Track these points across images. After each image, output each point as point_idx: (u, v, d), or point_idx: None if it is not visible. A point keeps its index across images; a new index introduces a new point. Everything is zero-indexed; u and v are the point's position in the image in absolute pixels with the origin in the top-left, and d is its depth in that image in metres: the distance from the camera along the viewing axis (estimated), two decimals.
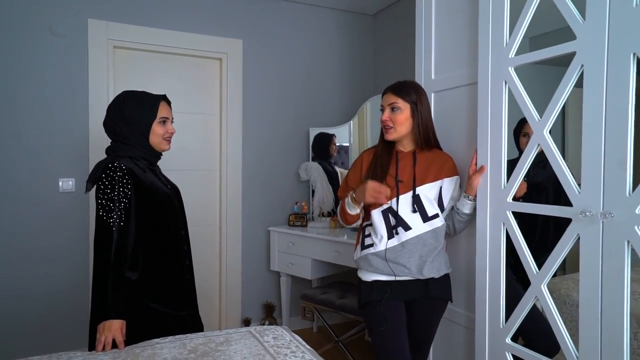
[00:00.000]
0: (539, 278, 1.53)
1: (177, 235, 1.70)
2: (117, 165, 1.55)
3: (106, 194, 1.52)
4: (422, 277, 1.78)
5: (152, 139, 1.68)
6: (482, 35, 1.73)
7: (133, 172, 1.59)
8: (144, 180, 1.61)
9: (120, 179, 1.54)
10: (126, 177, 1.55)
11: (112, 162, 1.56)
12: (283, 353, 1.41)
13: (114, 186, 1.53)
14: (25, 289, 2.77)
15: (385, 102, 1.82)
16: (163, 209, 1.66)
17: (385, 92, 1.85)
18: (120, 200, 1.52)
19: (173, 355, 1.38)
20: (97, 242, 1.51)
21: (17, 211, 2.75)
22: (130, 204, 1.54)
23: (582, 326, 1.40)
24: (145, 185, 1.61)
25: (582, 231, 1.38)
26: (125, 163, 1.58)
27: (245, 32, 3.34)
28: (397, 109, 1.79)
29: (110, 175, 1.54)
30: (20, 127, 2.74)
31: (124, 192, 1.54)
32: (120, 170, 1.55)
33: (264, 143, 3.44)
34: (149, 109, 1.67)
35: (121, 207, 1.52)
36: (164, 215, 1.67)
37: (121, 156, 1.61)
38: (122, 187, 1.54)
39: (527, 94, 1.59)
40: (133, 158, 1.64)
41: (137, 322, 1.52)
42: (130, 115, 1.63)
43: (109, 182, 1.53)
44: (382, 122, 1.83)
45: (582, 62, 1.37)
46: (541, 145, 1.51)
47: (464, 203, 1.83)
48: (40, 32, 2.77)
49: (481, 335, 1.78)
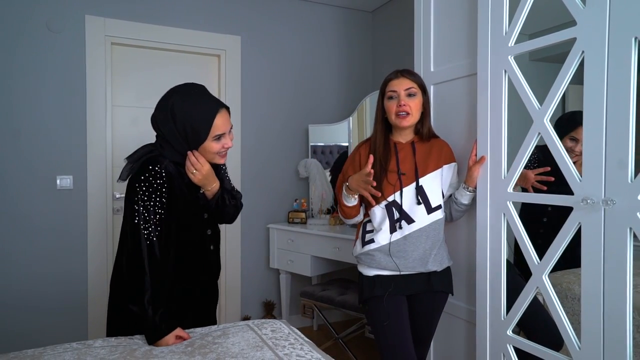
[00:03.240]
0: (540, 268, 1.51)
1: (203, 236, 1.63)
2: (159, 170, 1.45)
3: (143, 202, 1.43)
4: (425, 270, 1.75)
5: (204, 155, 1.52)
6: (482, 24, 1.71)
7: (172, 176, 1.49)
8: (182, 188, 1.52)
9: (159, 187, 1.45)
10: (165, 185, 1.46)
11: (154, 165, 1.45)
12: (281, 345, 1.38)
13: (151, 195, 1.44)
14: (23, 286, 2.75)
15: (400, 87, 1.73)
16: (193, 219, 1.58)
17: (396, 76, 1.76)
18: (156, 212, 1.44)
19: (169, 349, 1.36)
20: (132, 253, 1.42)
21: (13, 209, 2.73)
22: (165, 214, 1.47)
23: (584, 316, 1.38)
24: (182, 192, 1.52)
25: (584, 219, 1.36)
26: (167, 167, 1.47)
27: (244, 29, 3.33)
28: (413, 94, 1.74)
29: (149, 181, 1.44)
30: (16, 124, 2.73)
31: (160, 202, 1.45)
32: (161, 178, 1.45)
33: (263, 140, 3.43)
34: (202, 123, 1.47)
35: (156, 220, 1.45)
36: (192, 226, 1.58)
37: (166, 157, 1.49)
38: (159, 196, 1.45)
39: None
40: (178, 164, 1.51)
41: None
42: (180, 124, 1.47)
43: (146, 189, 1.44)
44: (398, 108, 1.72)
45: (583, 48, 1.35)
46: (541, 133, 1.50)
47: (462, 194, 1.81)
48: (38, 28, 2.76)
49: (482, 328, 1.76)
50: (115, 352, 1.33)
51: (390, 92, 1.75)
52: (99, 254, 2.93)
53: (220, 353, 1.31)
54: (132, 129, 3.07)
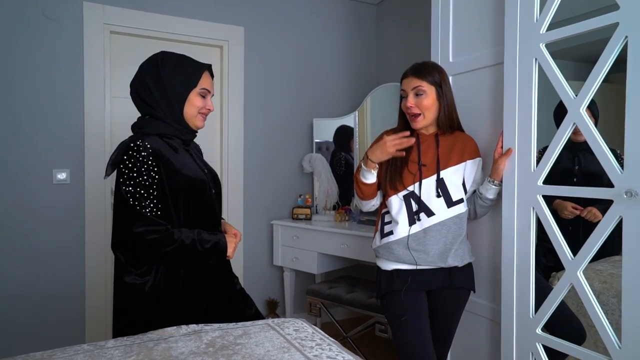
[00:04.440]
0: (575, 264, 1.45)
1: (215, 227, 1.53)
2: (141, 144, 1.36)
3: (133, 179, 1.33)
4: (445, 265, 1.70)
5: (187, 110, 1.47)
6: (510, 9, 1.65)
7: (160, 152, 1.38)
8: (174, 162, 1.40)
9: (145, 159, 1.35)
10: (151, 158, 1.36)
11: (134, 141, 1.36)
12: (309, 345, 1.30)
13: (141, 169, 1.34)
14: (18, 283, 2.62)
15: (408, 87, 1.70)
16: (197, 197, 1.46)
17: (405, 75, 1.73)
18: (149, 186, 1.35)
19: (190, 349, 1.27)
20: (137, 237, 1.33)
21: (9, 203, 2.60)
22: (160, 192, 1.37)
23: (626, 314, 1.32)
24: (175, 168, 1.40)
25: (625, 213, 1.31)
26: (152, 142, 1.38)
27: (247, 20, 3.23)
28: (422, 93, 1.68)
29: (133, 156, 1.34)
30: (11, 116, 2.60)
31: (151, 177, 1.35)
32: (145, 150, 1.35)
33: (266, 134, 3.33)
34: (191, 75, 1.46)
35: (152, 195, 1.35)
36: (198, 205, 1.47)
37: (147, 133, 1.41)
38: (147, 170, 1.35)
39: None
40: (162, 136, 1.43)
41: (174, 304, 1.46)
42: (167, 78, 1.43)
43: (132, 165, 1.34)
44: (407, 109, 1.71)
45: (627, 33, 1.29)
46: (577, 123, 1.44)
47: (488, 188, 1.75)
48: (33, 14, 2.63)
49: (508, 327, 1.69)
50: (132, 352, 1.24)
51: (401, 90, 1.74)
52: (96, 250, 2.81)
53: (245, 355, 1.23)
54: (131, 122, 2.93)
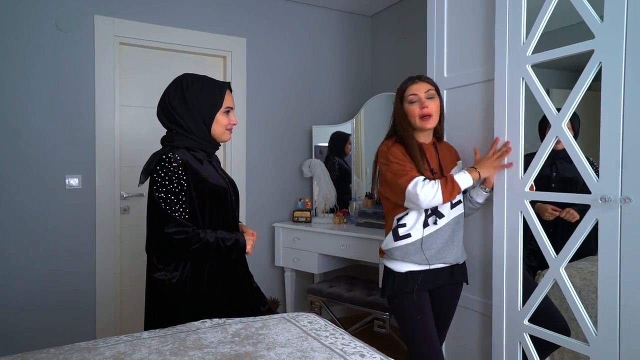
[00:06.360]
0: (558, 262, 1.63)
1: (235, 228, 1.70)
2: (172, 156, 1.51)
3: (164, 187, 1.50)
4: (454, 263, 1.86)
5: (215, 129, 1.62)
6: (499, 33, 1.83)
7: (189, 163, 1.54)
8: (201, 172, 1.57)
9: (176, 169, 1.51)
10: (181, 168, 1.52)
11: (166, 154, 1.52)
12: (324, 335, 1.46)
13: (172, 178, 1.50)
14: (31, 285, 2.74)
15: (420, 91, 1.82)
16: (220, 203, 1.63)
17: (415, 81, 1.84)
18: (180, 193, 1.51)
19: (218, 339, 1.42)
20: (169, 237, 1.50)
21: (22, 209, 2.72)
22: (188, 198, 1.53)
23: (602, 304, 1.50)
24: (201, 178, 1.56)
25: (601, 216, 1.49)
26: (181, 155, 1.54)
27: (249, 31, 3.39)
28: (432, 96, 1.84)
29: (165, 166, 1.50)
30: (25, 124, 2.72)
31: (180, 185, 1.51)
32: (175, 161, 1.51)
33: (268, 140, 3.49)
34: (215, 97, 1.61)
35: (183, 200, 1.51)
36: (221, 209, 1.63)
37: (177, 147, 1.56)
38: (178, 179, 1.51)
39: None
40: (190, 149, 1.59)
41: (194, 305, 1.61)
42: (193, 101, 1.57)
43: (165, 174, 1.50)
44: (421, 111, 1.80)
45: (601, 59, 1.47)
46: (559, 136, 1.62)
47: (479, 193, 1.93)
48: (47, 28, 2.76)
49: (498, 319, 1.87)
50: (167, 342, 1.38)
51: (412, 95, 1.83)
52: (106, 253, 2.94)
53: (270, 343, 1.38)
54: (140, 129, 3.09)
